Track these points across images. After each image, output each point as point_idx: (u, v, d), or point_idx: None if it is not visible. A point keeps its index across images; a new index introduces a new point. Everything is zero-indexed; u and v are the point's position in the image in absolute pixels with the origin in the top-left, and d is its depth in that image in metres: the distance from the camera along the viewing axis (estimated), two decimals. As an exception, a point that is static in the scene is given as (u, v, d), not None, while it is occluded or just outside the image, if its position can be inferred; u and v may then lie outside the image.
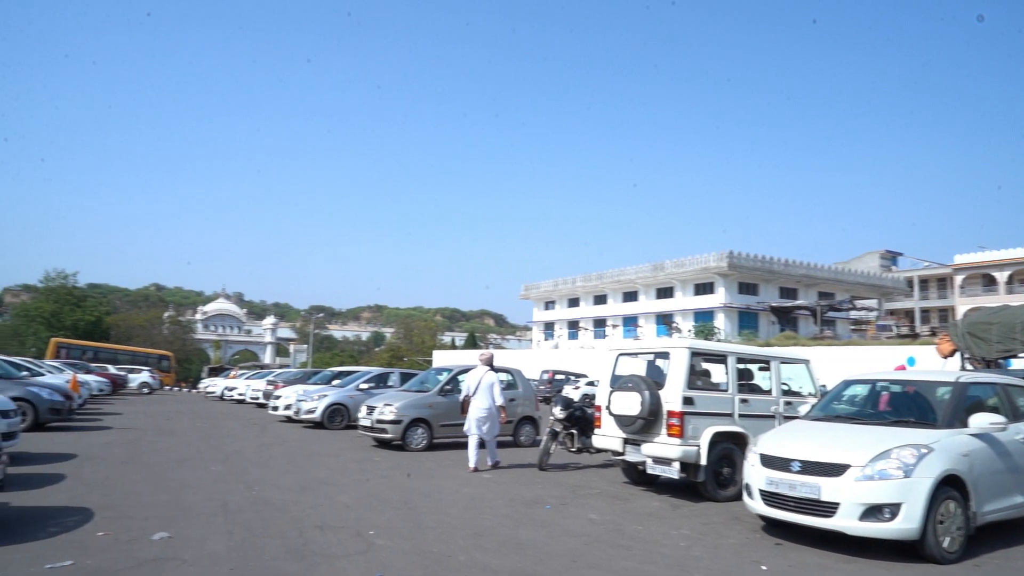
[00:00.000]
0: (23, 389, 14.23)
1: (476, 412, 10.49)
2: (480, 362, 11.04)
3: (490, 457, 10.75)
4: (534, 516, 7.22)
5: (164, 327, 77.35)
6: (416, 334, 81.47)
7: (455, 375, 13.61)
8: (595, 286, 64.26)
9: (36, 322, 61.61)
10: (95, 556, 5.13)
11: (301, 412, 17.39)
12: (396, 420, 12.50)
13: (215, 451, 11.96)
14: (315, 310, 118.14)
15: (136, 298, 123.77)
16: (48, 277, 65.87)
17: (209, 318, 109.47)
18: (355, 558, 5.35)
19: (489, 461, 10.73)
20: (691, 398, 8.25)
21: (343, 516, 6.88)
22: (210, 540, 5.73)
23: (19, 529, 5.90)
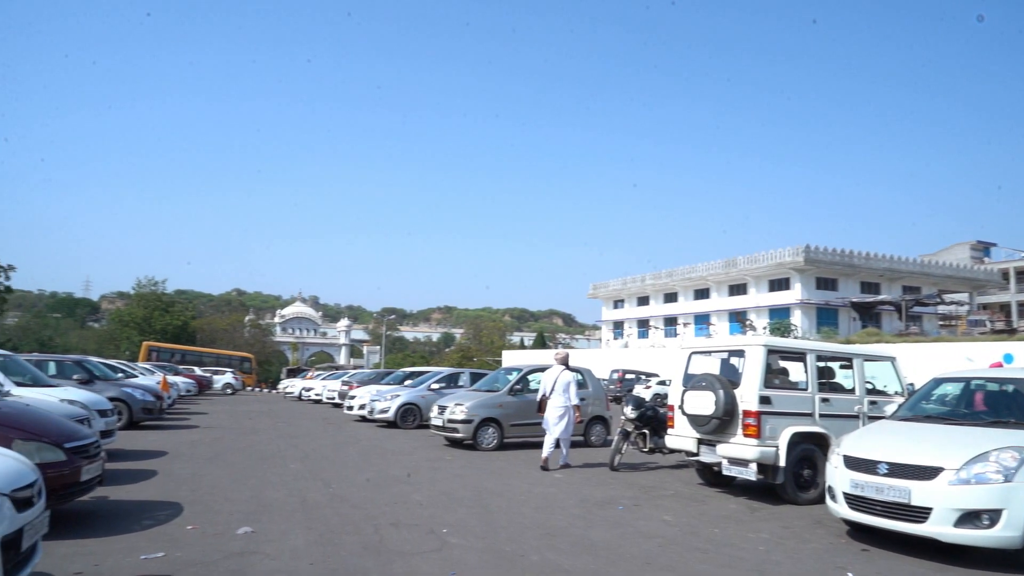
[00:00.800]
0: (119, 390, 15.10)
1: (553, 411, 10.65)
2: (556, 361, 11.16)
3: (562, 458, 10.74)
4: (606, 517, 7.13)
5: (245, 330, 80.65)
6: (485, 334, 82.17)
7: (524, 375, 13.63)
8: (665, 284, 63.20)
9: (129, 327, 65.47)
10: (184, 548, 5.38)
11: (375, 412, 17.80)
12: (467, 419, 12.62)
13: (294, 449, 12.36)
14: (387, 312, 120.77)
15: (219, 303, 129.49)
16: (140, 284, 69.89)
17: (287, 321, 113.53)
18: (429, 556, 5.41)
19: (560, 461, 10.72)
20: (768, 397, 7.98)
21: (417, 514, 6.98)
22: (290, 535, 5.92)
23: (117, 521, 6.25)
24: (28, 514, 3.64)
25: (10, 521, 3.44)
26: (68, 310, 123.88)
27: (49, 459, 5.65)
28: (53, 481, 5.60)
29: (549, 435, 10.72)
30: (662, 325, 63.73)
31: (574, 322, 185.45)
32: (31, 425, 5.92)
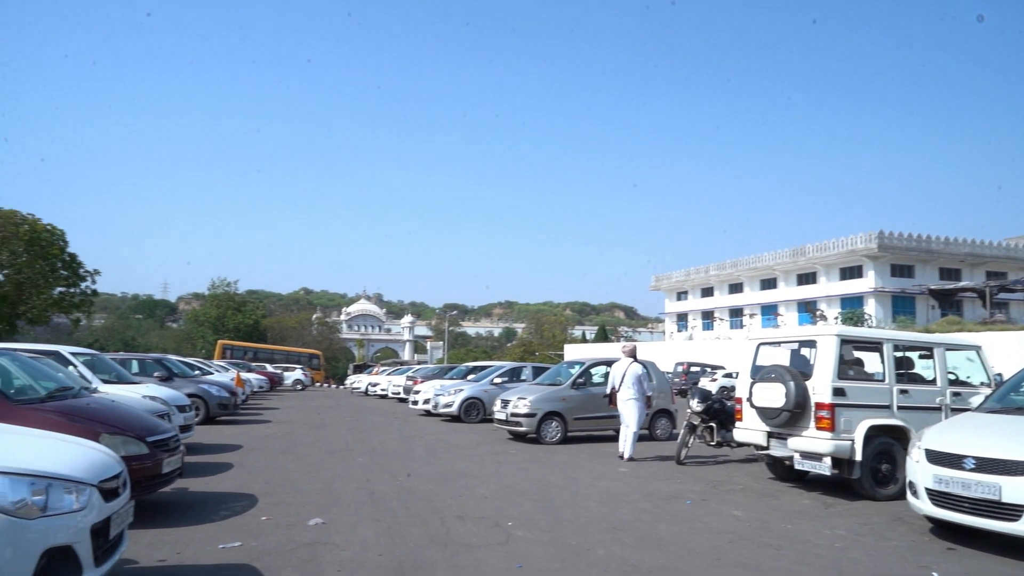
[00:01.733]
0: (196, 387, 15.76)
1: (624, 404, 10.72)
2: (624, 354, 11.20)
3: (629, 449, 10.71)
4: (674, 511, 7.01)
5: (313, 328, 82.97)
6: (546, 329, 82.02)
7: (587, 368, 13.55)
8: (730, 274, 61.79)
9: (204, 326, 68.41)
10: (259, 538, 5.56)
11: (439, 406, 18.02)
12: (530, 413, 12.63)
13: (361, 443, 12.64)
14: (449, 308, 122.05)
15: (288, 302, 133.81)
16: (214, 285, 72.91)
17: (352, 318, 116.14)
18: (495, 549, 5.43)
19: (627, 454, 10.67)
20: (842, 389, 7.68)
21: (482, 507, 7.02)
22: (360, 526, 6.04)
23: (196, 512, 6.51)
24: (115, 504, 3.82)
25: (99, 510, 3.61)
26: (148, 311, 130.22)
27: (133, 452, 5.92)
28: (137, 473, 5.87)
29: (623, 429, 10.80)
30: (727, 316, 62.35)
31: (636, 315, 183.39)
32: (116, 420, 6.22)
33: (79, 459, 3.77)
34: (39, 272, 45.80)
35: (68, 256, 47.49)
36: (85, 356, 11.58)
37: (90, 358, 11.75)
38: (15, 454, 3.52)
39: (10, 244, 44.45)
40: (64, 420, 5.76)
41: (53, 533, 3.31)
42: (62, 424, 5.66)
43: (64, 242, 47.10)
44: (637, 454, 10.80)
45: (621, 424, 11.00)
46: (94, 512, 3.57)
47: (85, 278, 49.32)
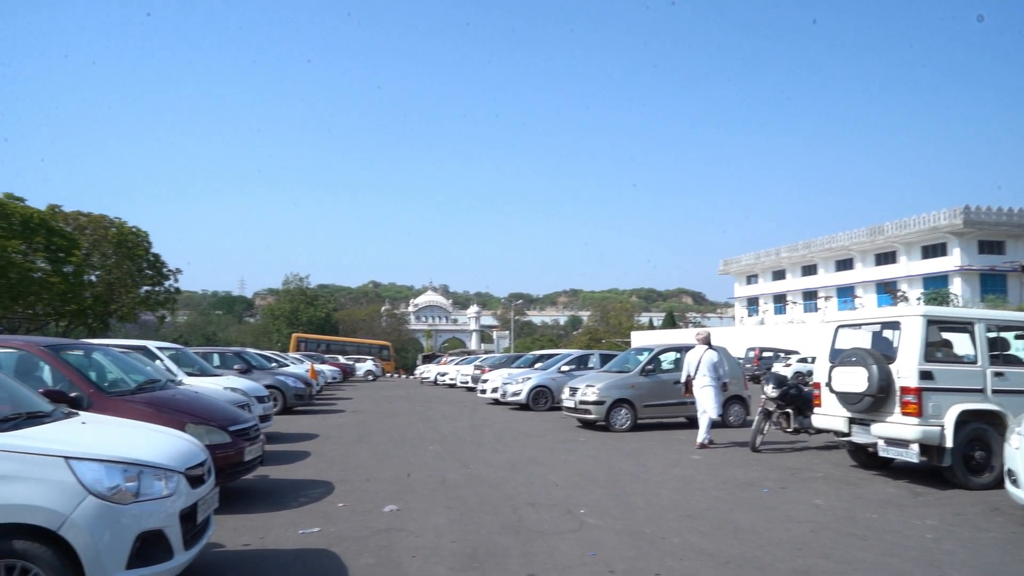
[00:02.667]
0: (274, 378, 16.33)
1: (699, 391, 10.68)
2: (698, 341, 11.14)
3: (707, 436, 10.61)
4: (750, 499, 6.82)
5: (382, 320, 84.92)
6: (613, 316, 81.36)
7: (656, 355, 13.33)
8: (802, 256, 59.64)
9: (279, 320, 70.96)
10: (337, 524, 5.70)
11: (507, 394, 18.11)
12: (599, 401, 12.53)
13: (432, 431, 12.82)
14: (514, 297, 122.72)
15: (357, 295, 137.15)
16: (287, 280, 75.50)
17: (420, 310, 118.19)
18: (567, 536, 5.40)
19: (699, 439, 10.51)
20: (929, 372, 7.28)
21: (553, 494, 7.00)
22: (432, 514, 6.12)
23: (276, 499, 6.74)
24: (201, 490, 3.98)
25: (186, 496, 3.77)
26: (227, 307, 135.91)
27: (217, 441, 6.17)
28: (220, 461, 6.11)
29: (701, 416, 10.73)
30: (800, 300, 60.30)
31: (704, 300, 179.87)
32: (200, 410, 6.49)
33: (167, 447, 3.93)
34: (127, 272, 48.40)
35: (152, 256, 50.01)
36: (170, 350, 12.15)
37: (175, 352, 12.32)
38: (108, 443, 3.70)
39: (101, 247, 47.09)
40: (152, 411, 6.05)
41: (145, 518, 3.47)
42: (150, 414, 5.94)
43: (148, 243, 49.58)
44: (709, 442, 10.59)
45: (697, 411, 10.88)
46: (182, 498, 3.72)
47: (168, 277, 51.83)
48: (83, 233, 45.50)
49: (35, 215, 38.27)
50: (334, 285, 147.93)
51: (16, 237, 36.55)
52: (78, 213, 46.30)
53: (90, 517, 3.27)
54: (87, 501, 3.29)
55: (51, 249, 39.16)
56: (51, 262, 40.04)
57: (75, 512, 3.25)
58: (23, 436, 3.47)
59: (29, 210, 38.17)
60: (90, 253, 45.84)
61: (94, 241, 46.51)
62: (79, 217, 46.40)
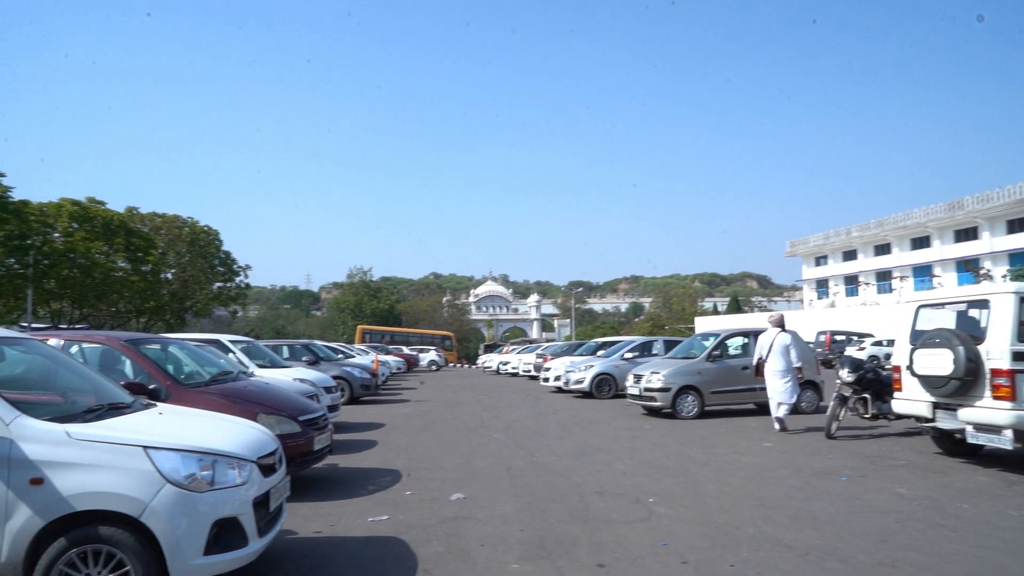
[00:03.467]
0: (340, 369, 16.69)
1: (772, 375, 10.47)
2: (770, 324, 10.95)
3: (782, 415, 10.43)
4: (828, 488, 6.54)
5: (444, 311, 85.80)
6: (675, 302, 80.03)
7: (723, 340, 12.99)
8: (875, 235, 57.19)
9: (344, 312, 72.67)
10: (405, 512, 5.75)
11: (570, 382, 18.01)
12: (665, 388, 12.30)
13: (496, 420, 12.85)
14: (574, 285, 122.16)
15: (419, 286, 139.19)
16: (351, 274, 77.23)
17: (480, 300, 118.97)
18: (637, 525, 5.29)
19: (776, 426, 10.35)
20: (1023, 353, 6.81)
21: (621, 483, 6.89)
22: (499, 502, 6.10)
23: (346, 487, 6.85)
24: (273, 479, 4.05)
25: (259, 485, 3.84)
26: (295, 301, 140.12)
27: (287, 431, 6.30)
28: (291, 450, 6.24)
29: (773, 401, 10.52)
30: (873, 280, 57.88)
31: (770, 283, 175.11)
32: (271, 401, 6.64)
33: (239, 437, 4.01)
34: (200, 269, 50.41)
35: (223, 254, 51.93)
36: (242, 343, 12.54)
37: (246, 345, 12.71)
38: (184, 433, 3.80)
39: (175, 246, 49.14)
40: (226, 401, 6.22)
41: (221, 505, 3.55)
42: (224, 405, 6.11)
43: (219, 241, 51.49)
44: (783, 428, 10.29)
45: (768, 396, 10.64)
46: (255, 486, 3.79)
47: (239, 273, 53.77)
48: (159, 233, 47.60)
49: (115, 217, 40.20)
50: (396, 277, 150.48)
51: (99, 239, 38.50)
52: (154, 214, 48.43)
53: (168, 504, 3.37)
54: (165, 489, 3.38)
55: (130, 249, 41.12)
56: (131, 262, 42.03)
57: (154, 500, 3.35)
58: (105, 426, 3.59)
59: (109, 213, 40.13)
60: (166, 252, 47.93)
61: (169, 240, 48.59)
62: (155, 218, 48.54)
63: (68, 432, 3.42)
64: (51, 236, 35.73)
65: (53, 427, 3.43)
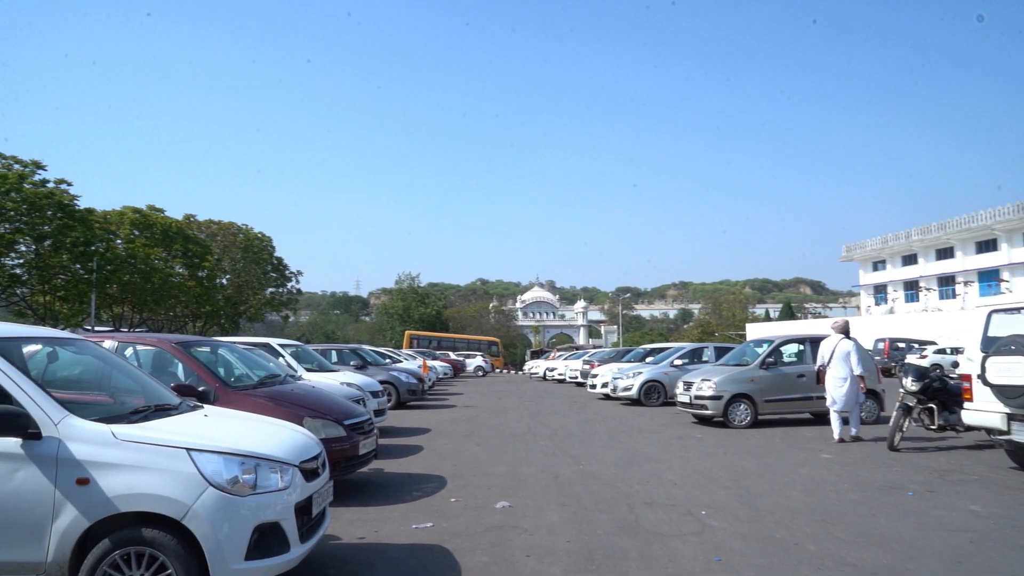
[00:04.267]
0: (388, 374, 16.76)
1: (833, 382, 10.14)
2: (833, 330, 10.63)
3: (853, 427, 10.11)
4: (894, 504, 6.18)
5: (491, 316, 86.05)
6: (725, 308, 78.41)
7: (777, 346, 12.56)
8: (937, 238, 54.97)
9: (393, 318, 73.57)
10: (449, 520, 5.64)
11: (618, 389, 17.71)
12: (716, 396, 11.95)
13: (542, 427, 12.68)
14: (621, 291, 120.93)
15: (466, 292, 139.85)
16: (399, 280, 78.22)
17: (527, 306, 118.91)
18: (689, 539, 5.06)
19: (852, 431, 10.10)
20: (1110, 362, 6.33)
21: (671, 494, 6.65)
22: (546, 511, 5.95)
23: (391, 492, 6.80)
24: (315, 483, 3.98)
25: (301, 489, 3.78)
26: (344, 307, 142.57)
27: (332, 435, 6.28)
28: (336, 454, 6.22)
29: (834, 409, 10.21)
30: (935, 286, 55.65)
31: (824, 289, 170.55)
32: (317, 404, 6.63)
33: (282, 441, 3.96)
34: (254, 275, 51.69)
35: (276, 260, 53.14)
36: (291, 347, 12.69)
37: (295, 349, 12.87)
38: (227, 436, 3.76)
39: (230, 252, 50.50)
40: (272, 404, 6.23)
41: (262, 510, 3.50)
42: (270, 408, 6.13)
43: (272, 247, 52.72)
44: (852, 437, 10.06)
45: (829, 405, 10.30)
46: (297, 491, 3.73)
47: (291, 278, 54.96)
48: (215, 240, 48.99)
49: (173, 224, 41.54)
50: (443, 283, 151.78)
51: (157, 245, 39.83)
52: (210, 221, 49.88)
53: (211, 508, 3.33)
54: (208, 492, 3.34)
55: (187, 255, 42.41)
56: (187, 267, 43.35)
57: (197, 503, 3.31)
58: (150, 428, 3.58)
59: (168, 220, 41.49)
60: (221, 258, 49.31)
61: (224, 247, 49.95)
62: (211, 225, 49.99)
63: (114, 433, 3.41)
64: (114, 243, 37.11)
65: (100, 427, 3.43)
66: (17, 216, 30.97)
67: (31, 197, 30.88)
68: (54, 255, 32.88)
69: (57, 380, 4.24)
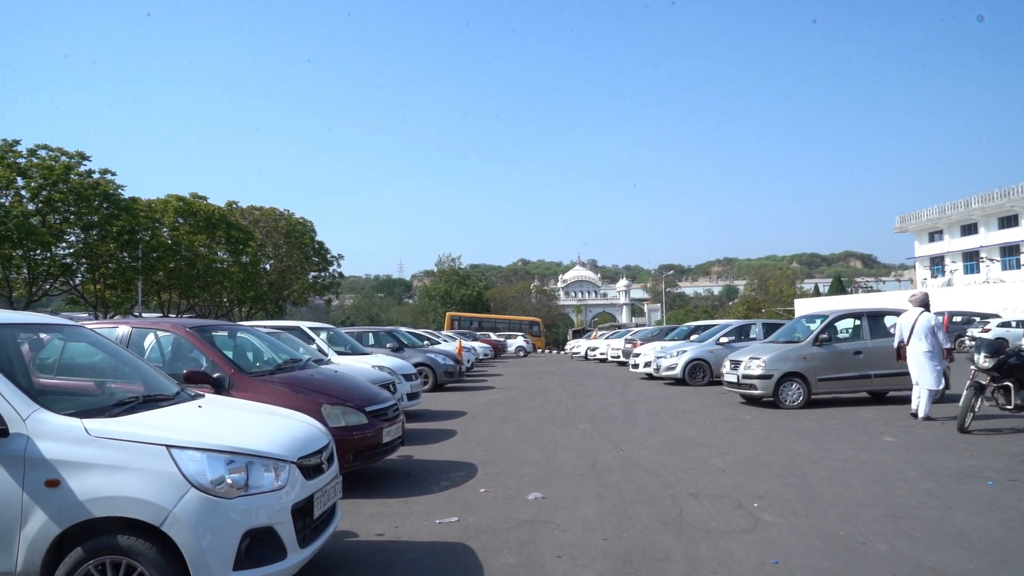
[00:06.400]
0: (424, 356, 16.48)
1: (916, 358, 9.59)
2: (911, 303, 10.05)
3: (923, 408, 9.46)
4: (972, 495, 5.52)
5: (532, 297, 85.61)
6: (772, 284, 76.44)
7: (831, 321, 11.79)
8: (999, 206, 52.15)
9: (434, 300, 73.80)
10: (476, 514, 5.22)
11: (661, 369, 17.10)
12: (766, 375, 11.27)
13: (582, 409, 12.21)
14: (665, 269, 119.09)
15: (508, 273, 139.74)
16: (439, 261, 78.34)
17: (569, 285, 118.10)
18: (741, 536, 4.54)
19: (921, 413, 9.45)
20: None
21: (719, 482, 6.12)
22: (581, 503, 5.48)
23: (418, 482, 6.41)
24: (318, 481, 3.58)
25: (300, 488, 3.38)
26: (388, 290, 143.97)
27: (353, 422, 5.91)
28: (357, 443, 5.87)
29: (916, 388, 9.68)
30: (998, 256, 52.95)
31: (876, 263, 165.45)
32: (338, 390, 6.27)
33: (279, 434, 3.57)
34: (296, 260, 52.20)
35: (317, 244, 53.55)
36: (324, 330, 12.46)
37: (331, 332, 12.63)
38: (216, 430, 3.38)
39: (272, 237, 51.05)
40: (289, 391, 5.89)
41: (253, 513, 3.11)
42: (287, 395, 5.79)
43: (313, 232, 53.12)
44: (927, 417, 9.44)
45: (912, 381, 9.76)
46: (295, 490, 3.34)
47: (332, 263, 55.38)
48: (257, 226, 49.54)
49: (216, 211, 42.05)
50: (485, 265, 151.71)
51: (201, 232, 40.38)
52: (252, 207, 50.44)
53: (193, 512, 2.95)
54: (190, 494, 2.97)
55: (231, 241, 42.96)
56: (231, 253, 43.92)
57: (177, 506, 2.94)
58: (129, 422, 3.21)
59: (211, 207, 42.01)
60: (264, 244, 49.89)
61: (267, 232, 50.51)
62: (253, 211, 50.55)
63: (87, 428, 3.05)
64: (159, 231, 37.73)
65: (72, 423, 3.07)
66: (65, 207, 31.66)
67: (77, 188, 31.49)
68: (101, 244, 33.58)
69: (39, 370, 3.93)
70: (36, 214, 30.73)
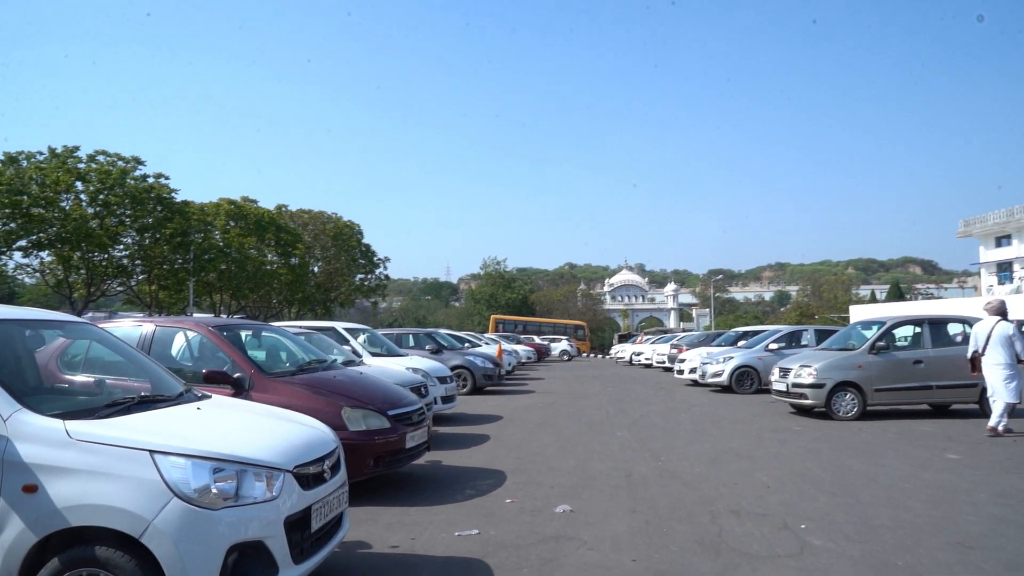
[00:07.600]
0: (463, 358, 16.27)
1: (991, 369, 8.97)
2: (987, 312, 9.37)
3: (1000, 422, 8.84)
4: (1050, 521, 4.96)
5: (578, 300, 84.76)
6: (826, 289, 73.99)
7: (888, 328, 11.10)
8: (1074, 209, 49.35)
9: (480, 303, 73.92)
10: (499, 527, 4.91)
11: (707, 375, 16.51)
12: (818, 384, 10.67)
13: (622, 415, 11.78)
14: (714, 273, 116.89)
15: (554, 277, 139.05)
16: (485, 264, 78.50)
17: (615, 289, 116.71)
18: (785, 562, 4.12)
19: (999, 426, 8.85)
20: None
21: (763, 500, 5.67)
22: (612, 518, 5.12)
23: (442, 489, 6.14)
24: (318, 491, 3.33)
25: (296, 499, 3.14)
26: (435, 292, 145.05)
27: (375, 426, 5.69)
28: (379, 448, 5.63)
29: (991, 397, 9.07)
30: (1072, 261, 50.05)
31: (936, 269, 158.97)
32: (360, 393, 6.05)
33: (276, 440, 3.33)
34: (343, 262, 52.89)
35: (364, 247, 54.16)
36: (361, 331, 12.35)
37: (368, 334, 12.52)
38: (206, 435, 3.16)
39: (320, 240, 51.81)
40: (310, 392, 5.70)
41: (241, 525, 2.87)
42: (307, 396, 5.60)
43: (360, 234, 53.74)
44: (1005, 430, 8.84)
45: (989, 395, 9.10)
46: (290, 501, 3.09)
47: (379, 265, 55.95)
48: (305, 228, 50.37)
49: (265, 214, 42.89)
50: (532, 268, 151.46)
51: (251, 235, 41.21)
52: (301, 211, 51.31)
53: (174, 523, 2.72)
54: (171, 504, 2.75)
55: (280, 244, 43.74)
56: (280, 255, 44.71)
57: (158, 517, 2.72)
58: (115, 425, 3.01)
59: (261, 210, 42.86)
60: (312, 246, 50.68)
61: (315, 235, 51.30)
62: (302, 215, 51.42)
63: (68, 431, 2.86)
64: (211, 233, 38.62)
65: (54, 424, 2.88)
66: (121, 210, 32.66)
67: (133, 191, 32.44)
68: (155, 246, 34.53)
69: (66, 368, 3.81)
70: (94, 217, 31.77)
